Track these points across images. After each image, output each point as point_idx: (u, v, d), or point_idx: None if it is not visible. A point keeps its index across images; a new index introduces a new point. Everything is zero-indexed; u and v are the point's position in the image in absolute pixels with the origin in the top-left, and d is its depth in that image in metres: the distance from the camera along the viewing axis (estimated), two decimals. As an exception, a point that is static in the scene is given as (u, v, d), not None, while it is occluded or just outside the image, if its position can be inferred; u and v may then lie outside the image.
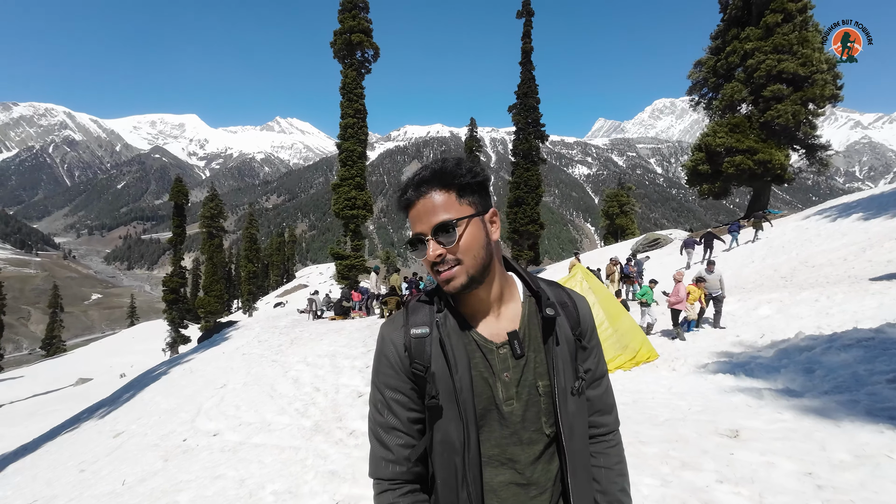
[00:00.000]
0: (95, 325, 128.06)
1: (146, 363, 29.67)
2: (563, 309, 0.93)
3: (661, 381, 5.64)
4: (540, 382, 0.88)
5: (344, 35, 21.57)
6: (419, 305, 0.94)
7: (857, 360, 4.61)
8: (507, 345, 0.88)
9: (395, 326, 0.92)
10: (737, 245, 17.08)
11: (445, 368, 0.85)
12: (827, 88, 20.84)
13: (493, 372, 0.87)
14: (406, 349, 0.88)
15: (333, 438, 4.62)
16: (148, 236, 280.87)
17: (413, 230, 0.85)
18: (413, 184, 0.85)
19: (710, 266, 9.25)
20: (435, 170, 0.84)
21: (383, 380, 0.89)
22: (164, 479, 4.87)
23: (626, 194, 44.99)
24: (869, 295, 7.77)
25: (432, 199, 0.83)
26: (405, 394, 0.88)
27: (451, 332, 0.87)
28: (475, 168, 0.87)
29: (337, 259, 21.80)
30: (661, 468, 3.03)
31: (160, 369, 14.03)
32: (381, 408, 0.89)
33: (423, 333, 0.88)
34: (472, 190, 0.86)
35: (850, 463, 2.79)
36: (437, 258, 0.82)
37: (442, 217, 0.82)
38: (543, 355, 0.89)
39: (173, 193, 36.70)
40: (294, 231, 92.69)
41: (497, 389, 0.86)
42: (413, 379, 0.87)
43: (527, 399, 0.87)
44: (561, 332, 0.90)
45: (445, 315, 0.88)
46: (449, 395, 0.84)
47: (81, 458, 7.09)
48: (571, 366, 0.90)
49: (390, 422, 0.88)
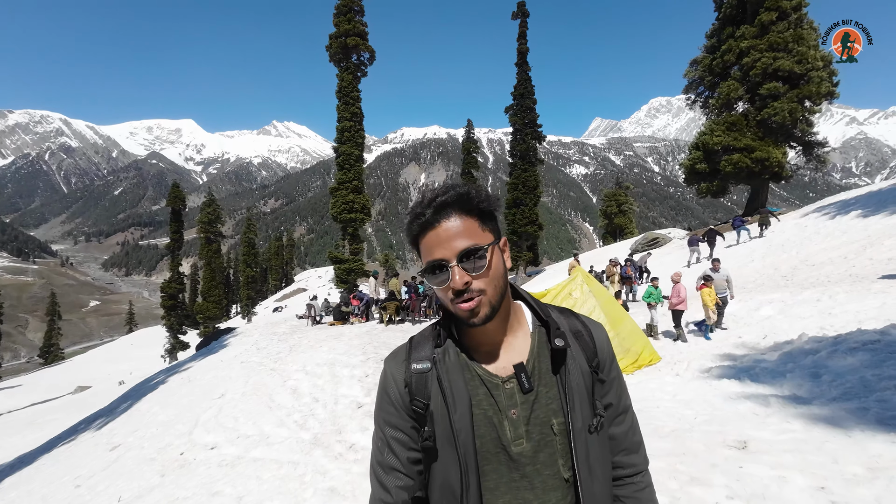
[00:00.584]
0: (94, 332, 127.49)
1: (145, 370, 29.50)
2: (576, 339, 0.87)
3: (665, 387, 5.56)
4: (554, 420, 0.81)
5: (339, 38, 21.53)
6: (424, 338, 0.89)
7: (864, 364, 4.54)
8: (514, 379, 0.82)
9: (397, 362, 0.88)
10: (747, 240, 16.98)
11: (443, 408, 0.79)
12: (823, 86, 20.86)
13: (498, 409, 0.80)
14: (406, 385, 0.83)
15: (333, 452, 4.52)
16: (146, 242, 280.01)
17: (431, 256, 0.78)
18: (433, 205, 0.78)
19: (715, 264, 8.87)
20: (460, 193, 0.79)
21: (384, 417, 0.85)
22: (161, 495, 4.76)
23: (624, 194, 45.02)
24: (871, 294, 7.71)
25: (456, 223, 0.78)
26: (405, 432, 0.83)
27: (450, 367, 0.82)
28: (491, 195, 0.83)
29: (335, 263, 21.73)
30: (670, 483, 2.95)
31: (158, 378, 13.89)
32: (381, 446, 0.85)
33: (424, 369, 0.83)
34: (490, 217, 0.82)
35: (863, 477, 2.71)
36: (464, 286, 0.76)
37: (469, 243, 0.77)
38: (556, 390, 0.82)
39: (170, 199, 36.58)
40: (292, 235, 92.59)
41: (504, 429, 0.80)
42: (414, 417, 0.83)
43: (538, 439, 0.80)
44: (574, 364, 0.84)
45: (445, 350, 0.83)
46: (447, 437, 0.79)
47: (78, 472, 6.97)
48: (588, 401, 0.83)
49: (389, 461, 0.83)
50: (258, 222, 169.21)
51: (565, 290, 8.39)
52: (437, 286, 0.78)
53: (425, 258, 0.80)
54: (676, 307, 8.34)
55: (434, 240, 0.78)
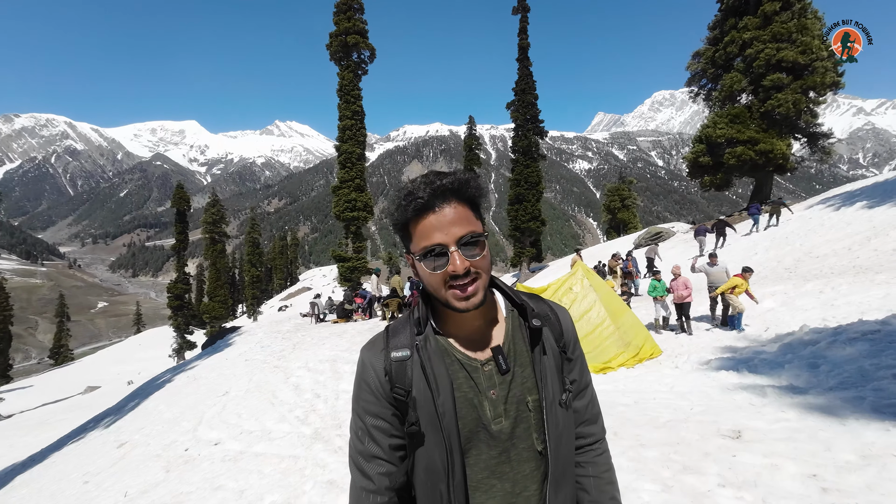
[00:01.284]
0: (102, 332, 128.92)
1: (153, 370, 29.84)
2: (545, 321, 0.91)
3: (663, 379, 5.57)
4: (529, 397, 0.85)
5: (339, 37, 21.54)
6: (400, 326, 0.90)
7: (862, 354, 4.53)
8: (492, 361, 0.85)
9: (375, 350, 0.88)
10: (756, 231, 16.87)
11: (427, 393, 0.81)
12: (828, 76, 20.59)
13: (479, 391, 0.84)
14: (386, 373, 0.84)
15: (333, 446, 4.59)
16: (152, 243, 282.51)
17: (429, 241, 0.78)
18: (431, 189, 0.78)
19: (712, 259, 8.67)
20: (461, 180, 0.80)
21: (363, 406, 0.86)
22: (166, 490, 4.86)
23: (627, 188, 44.78)
24: (875, 285, 7.66)
25: (454, 209, 0.79)
26: (386, 420, 0.84)
27: (431, 354, 0.84)
28: (482, 185, 0.84)
29: (339, 261, 21.84)
30: (662, 472, 2.97)
31: (164, 377, 14.06)
32: (361, 435, 0.86)
33: (403, 357, 0.84)
34: (479, 207, 0.84)
35: (855, 464, 2.73)
36: (465, 270, 0.77)
37: (468, 229, 0.79)
38: (531, 369, 0.87)
39: (175, 200, 36.87)
40: (296, 234, 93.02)
41: (484, 409, 0.83)
42: (394, 404, 0.84)
43: (515, 415, 0.84)
44: (547, 344, 0.88)
45: (426, 337, 0.85)
46: (432, 421, 0.81)
47: (86, 469, 7.10)
48: (559, 378, 0.88)
49: (371, 450, 0.84)
50: (262, 222, 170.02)
51: (566, 285, 8.40)
52: (432, 271, 0.79)
53: (420, 242, 0.80)
54: (685, 300, 8.25)
55: (432, 224, 0.79)
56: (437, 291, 0.81)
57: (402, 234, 0.85)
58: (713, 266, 8.43)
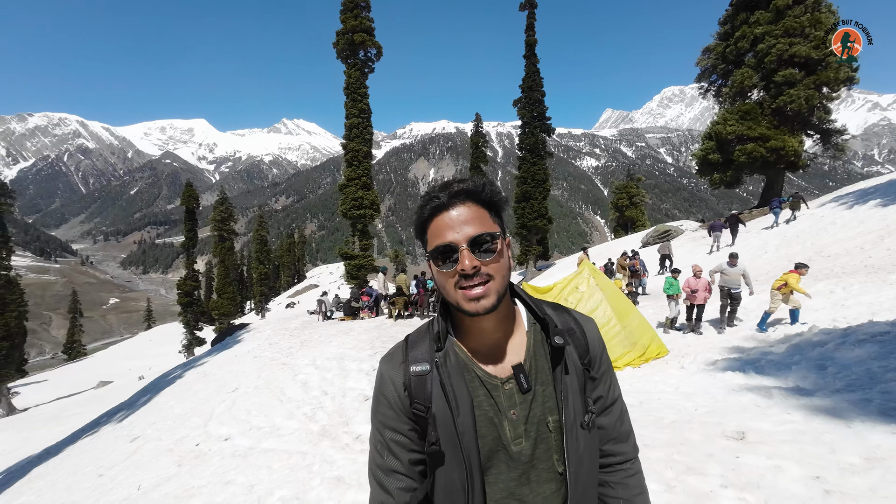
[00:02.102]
0: (114, 328, 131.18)
1: (163, 365, 30.32)
2: (570, 336, 0.88)
3: (669, 380, 5.57)
4: (550, 417, 0.83)
5: (346, 35, 21.59)
6: (419, 338, 0.89)
7: (871, 356, 4.49)
8: (513, 379, 0.83)
9: (393, 364, 0.87)
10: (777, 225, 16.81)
11: (447, 411, 0.80)
12: (842, 71, 20.18)
13: (498, 410, 0.82)
14: (406, 388, 0.83)
15: (340, 443, 4.66)
16: (161, 240, 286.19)
17: (441, 239, 0.78)
18: (447, 190, 0.80)
19: (732, 259, 8.18)
20: (475, 183, 0.81)
21: (382, 420, 0.85)
22: (177, 484, 4.98)
23: (635, 186, 44.42)
24: (887, 286, 7.56)
25: (468, 209, 0.79)
26: (405, 435, 0.83)
27: (451, 370, 0.82)
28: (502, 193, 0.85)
29: (345, 259, 21.97)
30: (666, 473, 2.99)
31: (175, 373, 14.30)
32: (380, 449, 0.85)
33: (423, 371, 0.83)
34: (499, 212, 0.84)
35: (860, 466, 2.72)
36: (473, 270, 0.76)
37: (480, 229, 0.78)
38: (552, 388, 0.84)
39: (184, 198, 37.31)
40: (303, 232, 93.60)
41: (504, 429, 0.81)
42: (414, 419, 0.83)
43: (536, 436, 0.82)
44: (570, 362, 0.85)
45: (446, 353, 0.84)
46: (451, 440, 0.79)
47: (100, 462, 7.28)
48: (581, 398, 0.85)
49: (390, 464, 0.83)
50: (270, 220, 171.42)
51: (572, 284, 8.40)
52: (443, 270, 0.78)
53: (433, 241, 0.79)
54: (694, 300, 8.16)
55: (445, 223, 0.79)
56: (447, 293, 0.79)
57: (420, 237, 0.85)
58: (733, 267, 8.02)
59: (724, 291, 8.00)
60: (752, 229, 17.49)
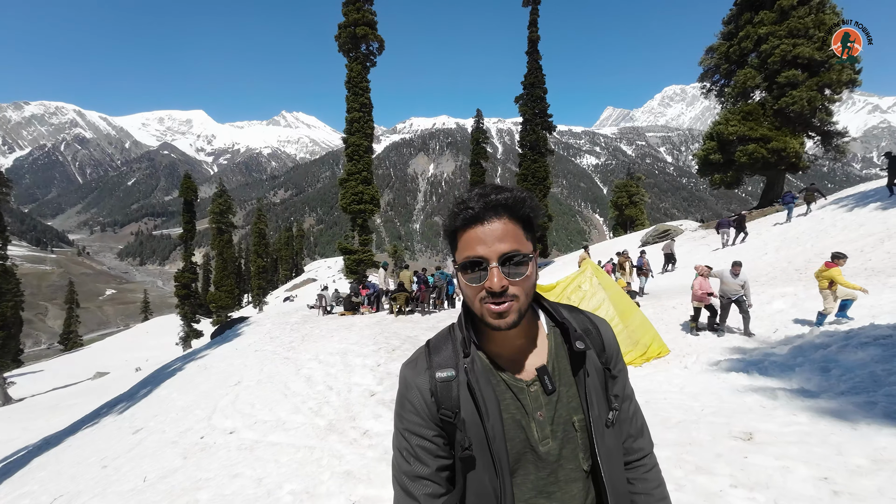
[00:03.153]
0: (110, 319, 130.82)
1: (160, 357, 30.30)
2: (588, 337, 0.90)
3: (672, 379, 5.61)
4: (575, 417, 0.85)
5: (348, 28, 21.43)
6: (440, 343, 0.89)
7: (874, 359, 4.54)
8: (538, 381, 0.84)
9: (418, 370, 0.87)
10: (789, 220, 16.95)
11: (476, 416, 0.81)
12: (844, 73, 20.21)
13: (525, 412, 0.83)
14: (432, 394, 0.83)
15: (348, 438, 4.69)
16: (159, 232, 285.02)
17: (473, 252, 0.77)
18: (484, 202, 0.78)
19: (735, 268, 7.74)
20: (516, 197, 0.79)
21: (408, 426, 0.85)
22: (184, 476, 5.00)
23: (635, 184, 44.45)
24: (887, 289, 7.62)
25: (503, 225, 0.78)
26: (432, 441, 0.84)
27: (479, 375, 0.83)
28: (539, 206, 0.83)
29: (345, 254, 21.95)
30: (675, 472, 3.03)
31: (175, 365, 14.30)
32: (406, 455, 0.84)
33: (449, 377, 0.83)
34: (532, 227, 0.83)
35: (867, 468, 2.77)
36: (501, 289, 0.75)
37: (513, 247, 0.77)
38: (575, 388, 0.86)
39: (182, 190, 37.14)
40: (302, 225, 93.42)
41: (531, 430, 0.83)
42: (440, 425, 0.83)
43: (562, 437, 0.84)
44: (590, 364, 0.87)
45: (472, 359, 0.84)
46: (481, 444, 0.80)
47: (103, 454, 7.29)
48: (604, 396, 0.87)
49: (417, 470, 0.83)
50: (268, 213, 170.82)
51: (574, 283, 8.44)
52: (470, 283, 0.78)
53: (464, 252, 0.79)
54: (699, 301, 8.08)
55: (478, 236, 0.78)
56: (471, 304, 0.80)
57: (450, 242, 0.85)
58: (735, 277, 7.60)
59: (723, 299, 7.71)
60: (753, 229, 17.58)
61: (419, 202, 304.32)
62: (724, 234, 16.57)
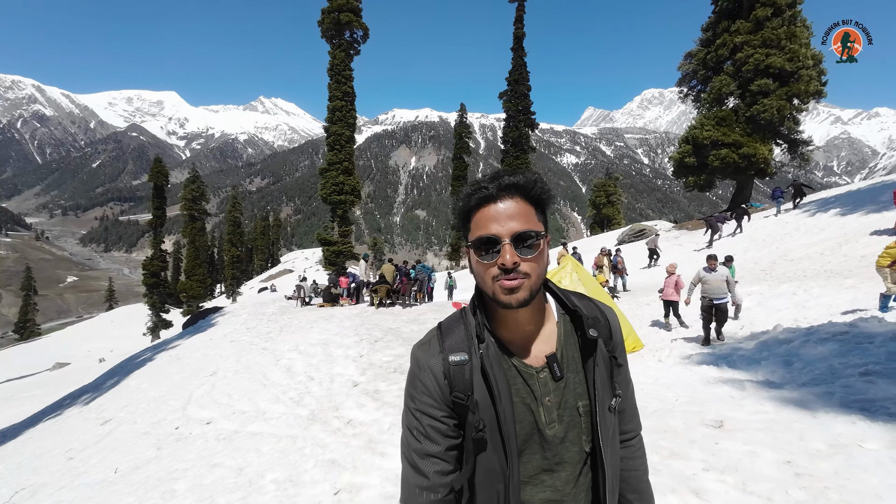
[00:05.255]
0: (72, 308, 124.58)
1: (126, 348, 29.15)
2: (596, 325, 0.91)
3: (648, 372, 5.84)
4: (580, 403, 0.88)
5: (332, 14, 20.91)
6: (452, 326, 0.91)
7: (832, 353, 4.86)
8: (547, 368, 0.87)
9: (431, 352, 0.89)
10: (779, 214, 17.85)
11: (488, 398, 0.83)
12: (812, 84, 21.26)
13: (534, 397, 0.86)
14: (446, 377, 0.85)
15: (331, 427, 4.67)
16: (126, 218, 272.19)
17: (486, 230, 0.80)
18: (497, 183, 0.81)
19: (710, 262, 7.07)
20: (528, 178, 0.82)
21: (420, 407, 0.87)
22: (159, 467, 4.87)
23: (613, 184, 45.51)
24: (844, 289, 8.11)
25: (516, 204, 0.81)
26: (443, 421, 0.86)
27: (492, 360, 0.85)
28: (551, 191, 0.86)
29: (324, 245, 21.59)
30: (652, 458, 3.17)
31: (145, 355, 13.81)
32: (417, 434, 0.86)
33: (462, 360, 0.85)
34: (545, 209, 0.86)
35: (825, 452, 2.98)
36: (513, 265, 0.77)
37: (525, 226, 0.79)
38: (582, 375, 0.89)
39: (153, 174, 35.63)
40: (279, 215, 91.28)
41: (539, 414, 0.86)
42: (452, 407, 0.86)
43: (568, 421, 0.87)
44: (599, 352, 0.89)
45: (487, 344, 0.86)
46: (492, 426, 0.83)
47: (69, 445, 7.00)
48: (609, 384, 0.90)
49: (428, 448, 0.85)
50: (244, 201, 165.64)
51: (555, 278, 8.61)
52: (483, 261, 0.80)
53: (477, 231, 0.81)
54: (668, 298, 8.46)
55: (491, 215, 0.80)
56: (483, 283, 0.82)
57: (462, 224, 0.87)
58: (713, 272, 6.96)
59: (704, 303, 6.89)
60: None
61: (400, 195, 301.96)
62: (717, 230, 17.32)
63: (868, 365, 4.33)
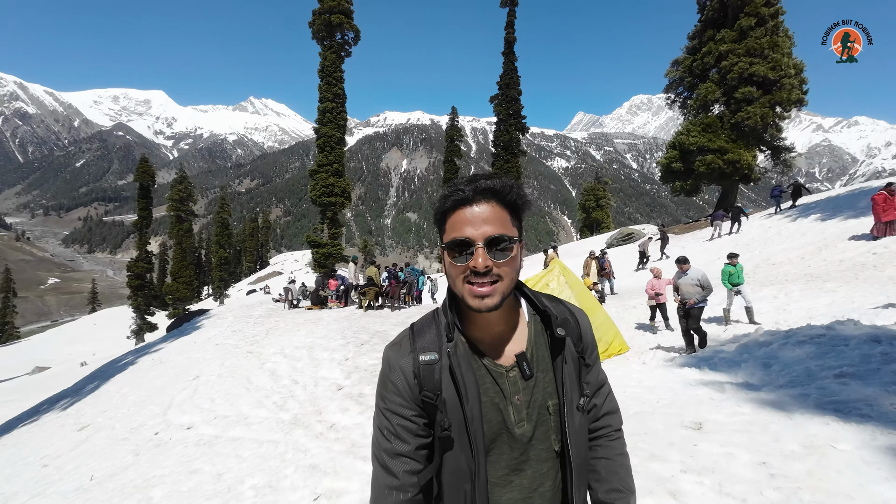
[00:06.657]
0: (53, 310, 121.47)
1: (109, 351, 28.52)
2: (565, 326, 0.93)
3: (631, 374, 5.89)
4: (549, 402, 0.89)
5: (323, 15, 20.85)
6: (425, 327, 0.92)
7: (809, 355, 4.96)
8: (516, 367, 0.88)
9: (402, 352, 0.90)
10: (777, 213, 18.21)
11: (456, 398, 0.84)
12: (794, 93, 21.82)
13: (504, 396, 0.87)
14: (415, 376, 0.86)
15: (314, 432, 4.62)
16: (110, 218, 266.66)
17: (460, 233, 0.80)
18: (473, 186, 0.81)
19: (681, 265, 6.82)
20: (504, 183, 0.83)
21: (390, 406, 0.87)
22: (136, 474, 4.76)
23: (602, 189, 45.98)
24: (823, 293, 8.30)
25: (491, 208, 0.81)
26: (412, 420, 0.86)
27: (461, 360, 0.86)
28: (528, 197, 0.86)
29: (314, 247, 21.41)
30: (631, 459, 3.19)
31: (126, 359, 13.51)
32: (387, 434, 0.87)
33: (432, 360, 0.86)
34: (520, 214, 0.86)
35: (799, 453, 3.03)
36: (485, 269, 0.78)
37: (499, 230, 0.80)
38: (552, 374, 0.90)
39: (139, 174, 35.02)
40: (268, 216, 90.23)
41: (509, 413, 0.87)
42: (421, 406, 0.86)
43: (537, 419, 0.88)
44: (567, 352, 0.91)
45: (455, 343, 0.87)
46: (459, 425, 0.83)
47: (43, 452, 6.81)
48: (578, 383, 0.91)
49: (397, 448, 0.86)
50: (232, 202, 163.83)
51: (542, 281, 8.66)
52: (455, 263, 0.81)
53: (451, 233, 0.82)
54: (655, 300, 8.58)
55: (465, 218, 0.81)
56: (454, 285, 0.83)
57: (439, 226, 0.87)
58: (684, 275, 6.74)
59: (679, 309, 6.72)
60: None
61: (391, 197, 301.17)
62: (718, 227, 17.59)
63: (843, 367, 4.43)
